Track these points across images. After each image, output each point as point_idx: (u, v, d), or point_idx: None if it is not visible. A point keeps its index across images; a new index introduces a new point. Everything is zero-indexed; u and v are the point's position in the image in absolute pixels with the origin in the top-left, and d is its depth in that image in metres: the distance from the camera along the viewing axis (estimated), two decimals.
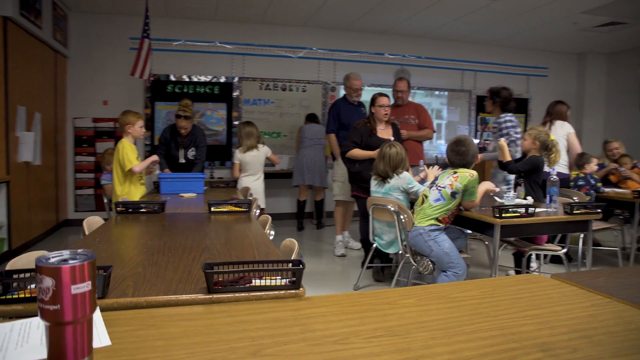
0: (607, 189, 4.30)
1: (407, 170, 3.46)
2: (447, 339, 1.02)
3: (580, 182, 4.06)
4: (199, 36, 6.38)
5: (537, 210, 2.80)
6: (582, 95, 8.06)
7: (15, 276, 1.22)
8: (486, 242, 3.62)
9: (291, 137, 6.82)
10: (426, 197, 2.92)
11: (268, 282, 1.28)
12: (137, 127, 3.66)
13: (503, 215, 2.55)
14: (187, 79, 6.34)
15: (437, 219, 2.84)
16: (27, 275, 1.23)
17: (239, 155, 4.65)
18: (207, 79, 6.43)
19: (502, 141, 3.37)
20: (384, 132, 4.26)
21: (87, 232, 2.23)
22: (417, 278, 3.85)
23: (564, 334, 1.05)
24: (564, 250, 3.22)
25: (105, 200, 4.01)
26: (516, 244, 3.31)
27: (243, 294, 1.25)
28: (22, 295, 1.16)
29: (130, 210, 2.73)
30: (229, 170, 6.63)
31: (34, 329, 1.02)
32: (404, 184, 3.34)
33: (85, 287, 0.82)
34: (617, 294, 1.30)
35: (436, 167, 3.65)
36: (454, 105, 7.75)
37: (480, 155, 3.90)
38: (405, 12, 6.00)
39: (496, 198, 3.25)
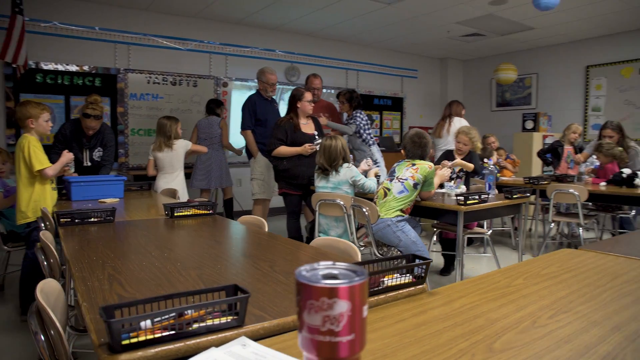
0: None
1: (350, 162, 3.51)
2: (612, 307, 1.10)
3: (485, 172, 4.61)
4: (74, 19, 5.53)
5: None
6: (445, 96, 9.10)
7: (117, 312, 0.93)
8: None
9: (185, 136, 6.33)
10: (388, 189, 3.01)
11: (397, 281, 1.20)
12: (42, 122, 3.03)
13: (467, 202, 2.78)
14: (61, 68, 5.44)
15: (401, 210, 2.95)
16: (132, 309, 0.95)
17: (151, 151, 4.20)
18: (87, 69, 5.61)
19: (460, 161, 3.65)
20: (307, 126, 4.25)
21: (65, 248, 1.80)
22: None
23: None
24: (490, 232, 3.63)
25: None
26: (449, 229, 3.62)
27: (382, 296, 1.15)
28: (150, 337, 0.88)
29: (77, 220, 2.27)
30: (115, 172, 5.90)
31: None
32: (351, 177, 3.38)
33: (366, 310, 0.64)
34: None
35: (369, 159, 3.79)
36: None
37: (325, 120, 4.66)
38: (303, 9, 6.05)
39: None
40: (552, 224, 4.33)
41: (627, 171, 4.06)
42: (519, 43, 7.64)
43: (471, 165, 3.62)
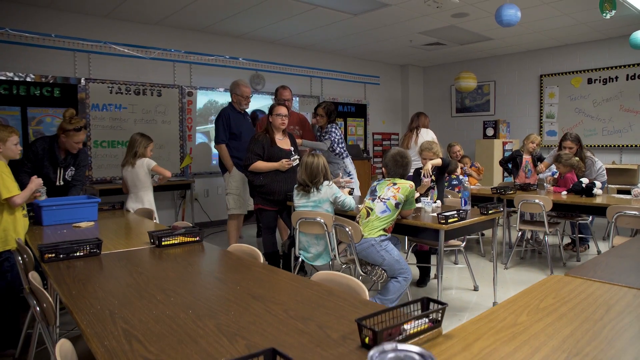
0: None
1: (330, 180, 3.55)
2: (617, 345, 1.19)
3: (454, 182, 4.78)
4: (28, 26, 5.25)
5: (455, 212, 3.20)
6: (407, 102, 9.34)
7: None
8: None
9: (159, 148, 6.21)
10: (371, 209, 3.07)
11: (418, 327, 1.25)
12: (11, 145, 2.89)
13: (449, 221, 2.88)
14: (16, 78, 5.17)
15: (384, 229, 3.02)
16: None
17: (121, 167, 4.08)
18: (44, 79, 5.35)
19: (431, 163, 3.78)
20: (283, 142, 4.24)
21: (61, 294, 1.73)
22: None
23: None
24: (463, 244, 3.78)
25: None
26: (425, 242, 3.73)
27: None
28: None
29: (61, 256, 2.18)
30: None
31: None
32: (332, 195, 3.43)
33: None
34: (633, 284, 1.67)
35: (344, 177, 3.85)
36: (304, 111, 8.09)
37: (300, 141, 4.63)
38: (268, 19, 6.03)
39: None
40: (519, 232, 4.55)
41: (585, 181, 4.33)
42: (477, 51, 7.94)
43: (439, 161, 3.74)
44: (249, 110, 5.12)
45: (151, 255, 2.33)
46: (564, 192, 4.45)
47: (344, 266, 3.39)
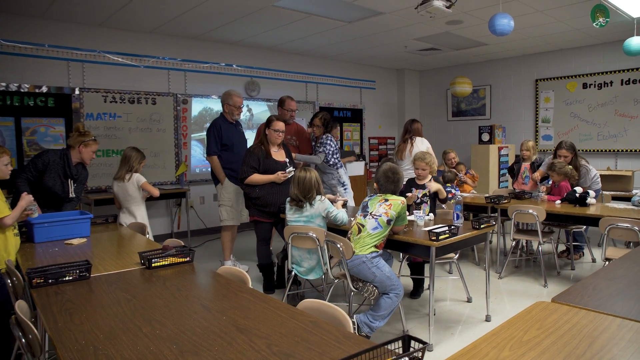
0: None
1: (322, 195, 3.55)
2: None
3: (448, 189, 4.77)
4: (21, 36, 5.25)
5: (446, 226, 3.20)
6: (403, 106, 9.33)
7: None
8: None
9: (154, 156, 6.23)
10: (363, 226, 3.06)
11: None
12: (2, 165, 2.90)
13: (440, 238, 2.88)
14: (10, 88, 5.16)
15: (375, 246, 3.02)
16: None
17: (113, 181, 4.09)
18: (39, 89, 5.34)
19: (437, 186, 3.83)
20: (278, 154, 4.24)
21: (47, 327, 1.73)
22: (333, 300, 3.98)
23: None
24: (456, 256, 3.78)
25: None
26: (421, 256, 3.73)
27: None
28: None
29: (50, 281, 2.18)
30: None
31: None
32: (324, 210, 3.43)
33: None
34: (619, 312, 1.67)
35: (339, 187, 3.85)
36: (300, 116, 8.08)
37: (294, 155, 4.58)
38: (263, 26, 6.02)
39: None
40: (513, 242, 4.55)
41: (579, 190, 4.33)
42: (472, 56, 7.94)
43: (443, 193, 3.76)
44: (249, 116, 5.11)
45: (141, 277, 2.33)
46: (558, 201, 4.45)
47: (336, 281, 3.39)
